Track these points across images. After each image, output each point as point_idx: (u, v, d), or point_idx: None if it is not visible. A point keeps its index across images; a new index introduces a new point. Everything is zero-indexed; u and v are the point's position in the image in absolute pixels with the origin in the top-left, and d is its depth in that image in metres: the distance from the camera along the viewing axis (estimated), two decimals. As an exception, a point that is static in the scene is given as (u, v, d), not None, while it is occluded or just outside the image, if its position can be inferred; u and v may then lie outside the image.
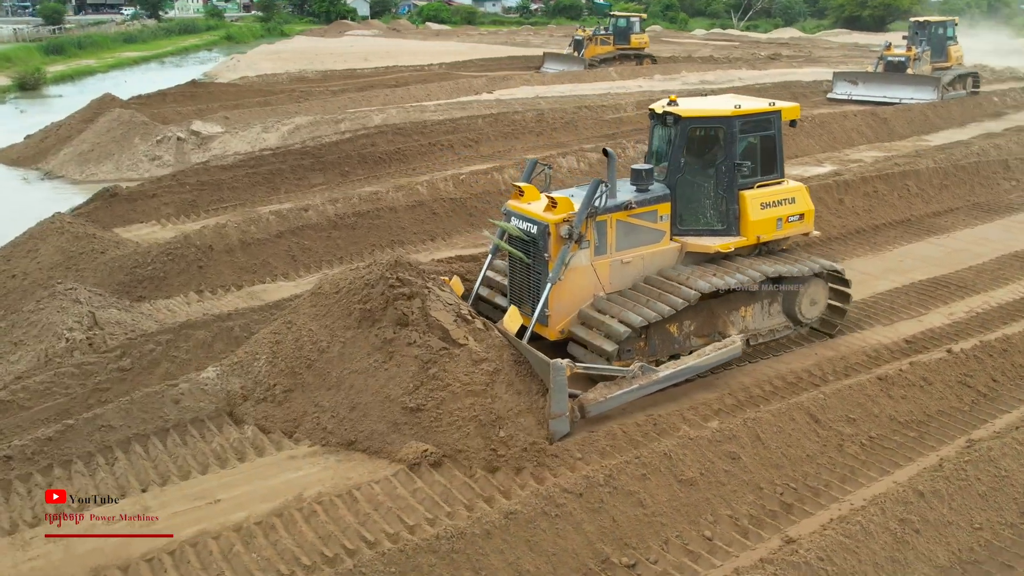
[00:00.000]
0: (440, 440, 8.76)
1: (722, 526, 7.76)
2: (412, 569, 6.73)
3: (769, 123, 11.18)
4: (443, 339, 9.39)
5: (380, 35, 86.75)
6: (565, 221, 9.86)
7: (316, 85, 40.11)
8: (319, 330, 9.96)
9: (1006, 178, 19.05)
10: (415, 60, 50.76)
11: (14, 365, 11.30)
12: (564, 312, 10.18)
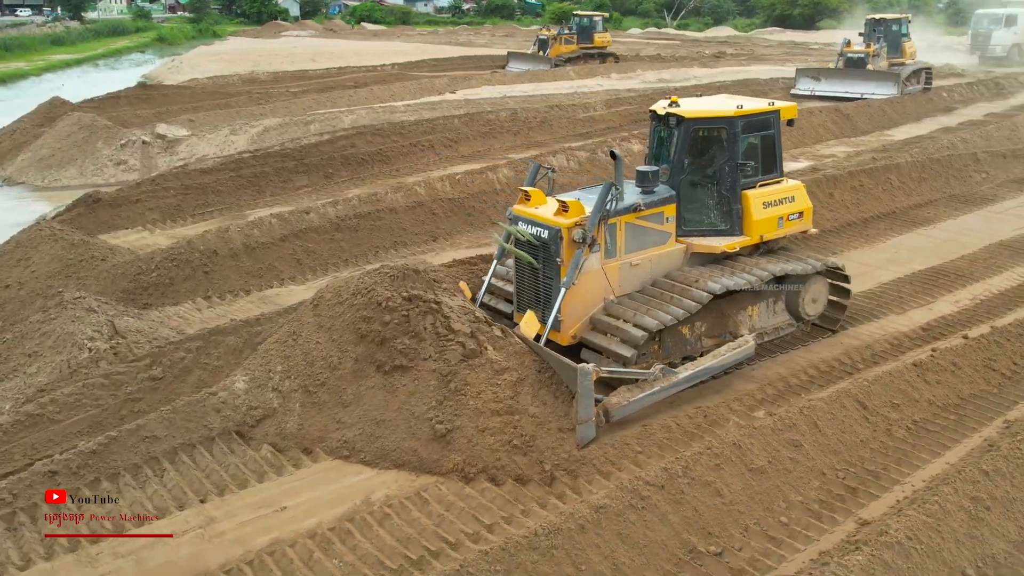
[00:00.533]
0: (474, 456, 8.58)
1: (795, 512, 7.96)
2: (516, 567, 6.75)
3: (769, 122, 11.30)
4: (462, 352, 9.20)
5: (317, 35, 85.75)
6: (577, 225, 9.79)
7: (271, 86, 39.50)
8: (327, 344, 9.67)
9: (976, 170, 19.82)
10: (363, 61, 50.33)
11: (33, 377, 10.94)
12: (576, 317, 10.12)
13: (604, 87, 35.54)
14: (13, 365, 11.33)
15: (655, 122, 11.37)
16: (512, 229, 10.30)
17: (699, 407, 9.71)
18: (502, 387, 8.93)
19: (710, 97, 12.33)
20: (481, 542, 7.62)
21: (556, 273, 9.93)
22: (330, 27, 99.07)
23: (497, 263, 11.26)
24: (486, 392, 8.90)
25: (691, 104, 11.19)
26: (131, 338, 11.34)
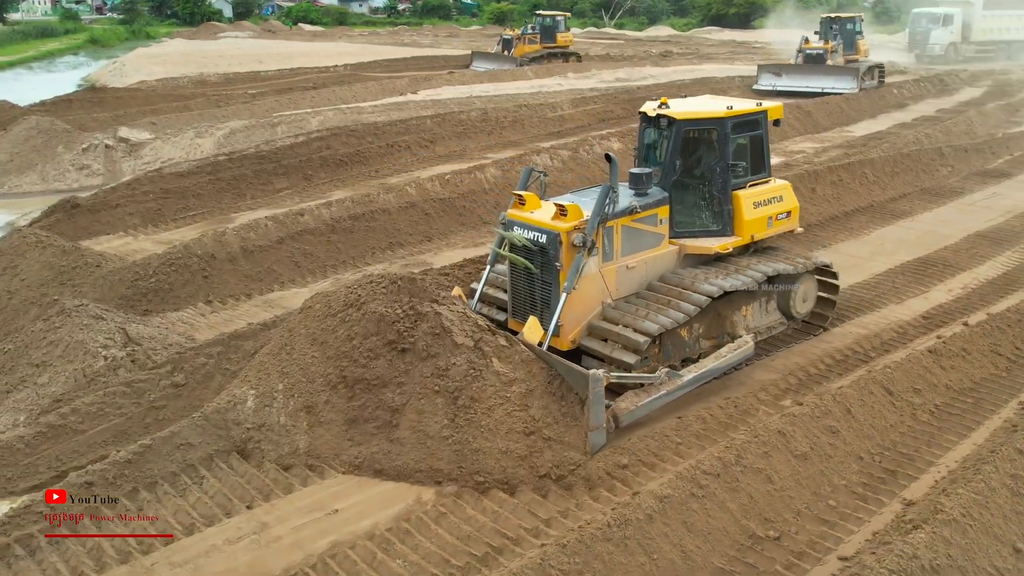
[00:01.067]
0: (492, 470, 8.46)
1: (841, 495, 8.22)
2: (594, 558, 6.85)
3: (758, 123, 11.29)
4: (467, 367, 8.88)
5: (255, 36, 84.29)
6: (576, 229, 9.67)
7: (224, 88, 38.86)
8: (323, 361, 9.28)
9: (942, 164, 20.56)
10: (312, 62, 49.71)
11: (46, 388, 10.65)
12: (575, 321, 9.96)
13: (564, 87, 35.82)
14: (20, 376, 11.00)
15: (645, 123, 11.25)
16: (508, 235, 10.09)
17: (728, 398, 9.94)
18: (512, 400, 8.72)
19: (695, 98, 12.28)
20: (542, 536, 7.70)
21: (555, 278, 9.79)
22: (268, 28, 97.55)
23: (490, 270, 11.00)
24: (497, 408, 8.67)
25: (681, 105, 11.15)
26: (146, 345, 11.12)
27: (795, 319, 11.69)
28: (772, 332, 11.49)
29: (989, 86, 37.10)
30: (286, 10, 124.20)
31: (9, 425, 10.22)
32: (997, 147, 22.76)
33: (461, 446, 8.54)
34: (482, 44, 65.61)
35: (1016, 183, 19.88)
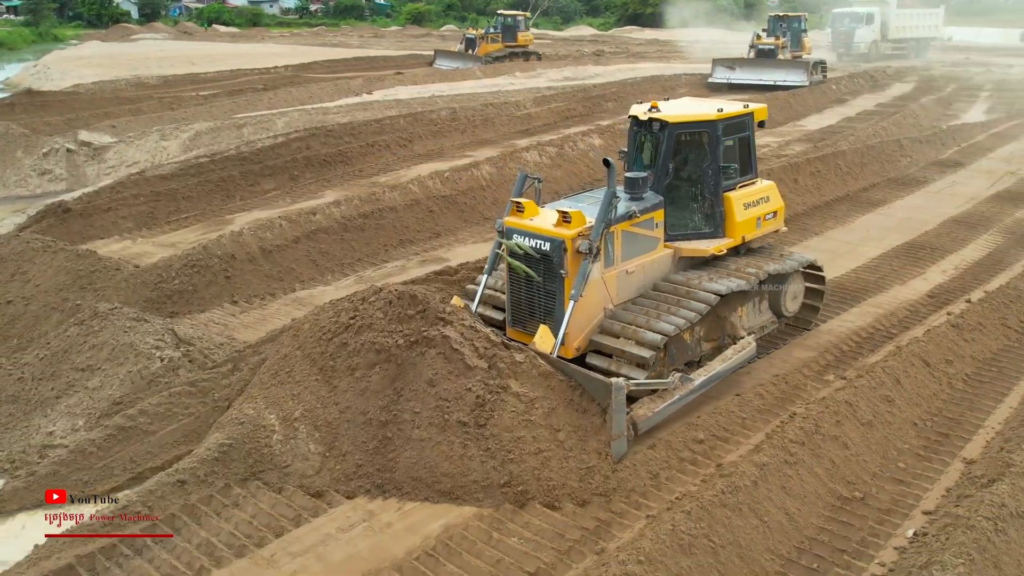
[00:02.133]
0: (533, 491, 8.23)
1: (907, 458, 8.89)
2: (716, 522, 7.30)
3: (745, 124, 11.35)
4: (483, 390, 8.55)
5: (171, 38, 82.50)
6: (581, 236, 9.56)
7: (168, 90, 38.04)
8: (328, 390, 8.97)
9: (902, 155, 21.79)
10: (247, 63, 48.92)
11: (100, 391, 10.56)
12: (579, 329, 9.83)
13: (516, 86, 36.28)
14: (67, 380, 10.87)
15: (636, 127, 11.15)
16: (508, 243, 9.90)
17: (776, 375, 10.56)
18: (537, 421, 8.47)
19: (677, 101, 12.13)
20: (606, 538, 8.04)
21: (559, 286, 9.66)
22: (184, 29, 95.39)
23: (488, 276, 10.84)
24: (521, 429, 8.40)
25: (672, 109, 11.10)
26: (198, 345, 11.10)
27: (785, 317, 11.83)
28: (764, 331, 11.57)
29: (916, 81, 39.15)
30: (198, 11, 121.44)
31: (68, 430, 10.12)
32: (946, 138, 24.19)
33: (498, 472, 8.24)
34: (411, 45, 65.64)
35: (971, 172, 21.22)
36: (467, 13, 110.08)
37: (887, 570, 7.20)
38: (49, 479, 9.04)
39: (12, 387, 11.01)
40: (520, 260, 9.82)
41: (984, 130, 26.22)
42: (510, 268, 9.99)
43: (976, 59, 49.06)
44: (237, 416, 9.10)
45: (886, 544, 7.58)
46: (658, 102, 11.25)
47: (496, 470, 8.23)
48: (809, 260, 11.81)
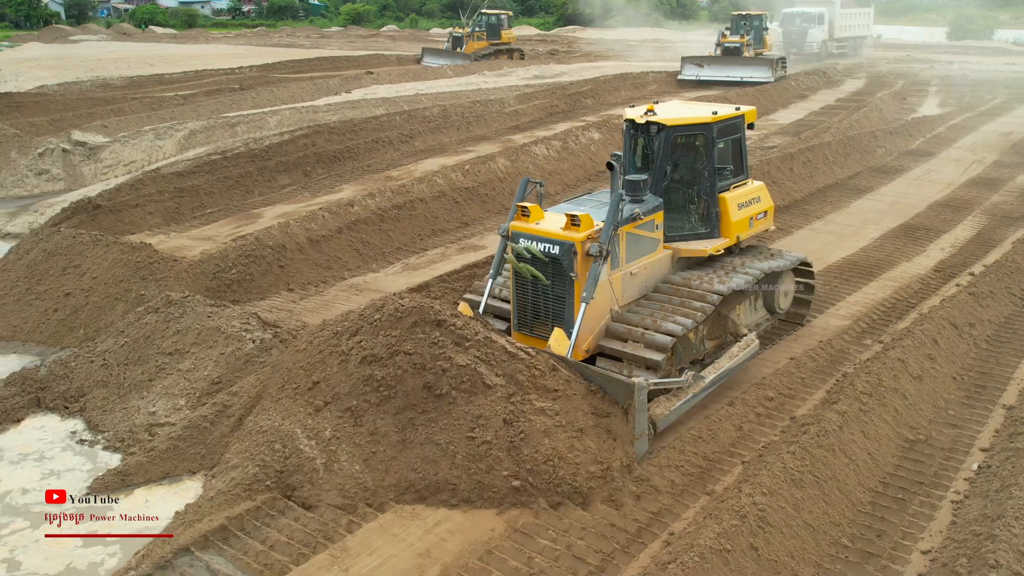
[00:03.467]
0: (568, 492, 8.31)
1: (954, 407, 10.02)
2: (816, 461, 8.28)
3: (737, 127, 11.61)
4: (505, 410, 8.49)
5: (110, 39, 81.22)
6: (590, 238, 9.68)
7: (136, 91, 37.79)
8: (343, 415, 8.83)
9: (877, 146, 23.26)
10: (205, 64, 48.66)
11: (195, 372, 11.08)
12: (588, 330, 9.91)
13: (489, 84, 37.07)
14: (156, 364, 11.36)
15: (633, 130, 11.27)
16: (517, 247, 9.93)
17: (822, 341, 11.65)
18: (564, 428, 8.51)
19: (667, 104, 12.30)
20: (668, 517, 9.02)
21: (568, 289, 9.77)
22: (121, 31, 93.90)
23: (493, 280, 10.86)
24: (549, 439, 8.37)
25: (667, 112, 11.23)
26: (284, 326, 11.69)
27: (777, 314, 12.16)
28: (759, 328, 11.81)
29: (866, 78, 41.11)
30: (130, 12, 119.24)
31: (171, 409, 10.64)
32: (912, 130, 25.81)
33: (529, 479, 8.25)
34: (364, 45, 65.86)
35: (942, 160, 22.79)
36: (401, 13, 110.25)
37: (963, 496, 8.27)
38: (170, 454, 9.59)
39: (97, 373, 11.45)
40: (527, 264, 9.85)
41: (943, 122, 27.96)
42: (516, 272, 10.04)
43: (916, 56, 51.50)
44: (266, 432, 8.98)
45: (956, 476, 8.67)
46: (653, 105, 11.35)
47: (534, 478, 8.22)
48: (801, 258, 12.19)
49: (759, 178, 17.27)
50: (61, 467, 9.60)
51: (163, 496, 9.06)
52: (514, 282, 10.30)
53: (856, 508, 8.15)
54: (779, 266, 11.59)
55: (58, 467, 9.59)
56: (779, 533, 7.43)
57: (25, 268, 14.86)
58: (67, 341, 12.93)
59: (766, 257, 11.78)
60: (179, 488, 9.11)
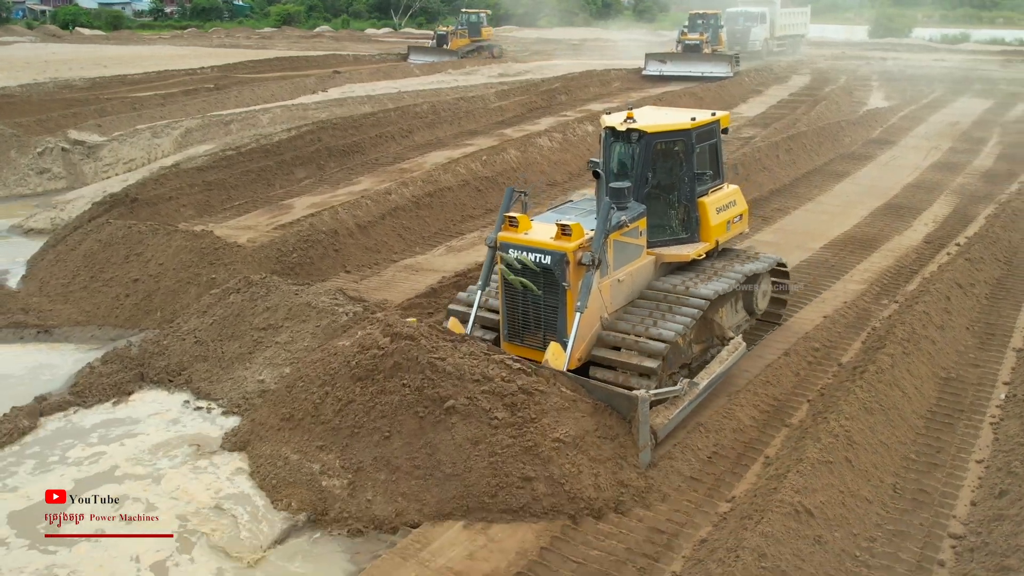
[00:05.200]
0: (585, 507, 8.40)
1: (972, 351, 11.66)
2: (878, 392, 9.76)
3: (713, 132, 11.72)
4: (511, 440, 8.53)
5: (37, 40, 79.34)
6: (582, 248, 9.69)
7: (101, 92, 37.68)
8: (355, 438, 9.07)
9: (844, 135, 25.22)
10: (163, 65, 48.34)
11: (293, 344, 11.98)
12: (581, 339, 9.87)
13: (459, 82, 38.19)
14: (252, 339, 12.26)
15: (612, 137, 11.23)
16: (507, 257, 9.87)
17: (845, 303, 13.24)
18: (573, 446, 8.60)
19: (644, 109, 12.43)
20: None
21: (561, 299, 9.75)
22: (47, 32, 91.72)
23: (482, 293, 10.74)
24: (557, 461, 8.46)
25: (647, 119, 11.31)
26: (370, 300, 12.71)
27: (755, 314, 12.40)
28: (740, 330, 11.94)
29: (810, 74, 43.47)
30: (52, 13, 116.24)
31: (277, 377, 11.56)
32: (870, 121, 27.92)
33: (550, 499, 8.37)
34: (311, 45, 66.17)
35: (903, 148, 24.85)
36: (328, 14, 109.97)
37: (999, 419, 9.85)
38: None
39: (193, 349, 12.31)
40: (518, 274, 9.81)
41: (894, 114, 30.21)
42: (506, 282, 10.00)
43: (851, 53, 54.37)
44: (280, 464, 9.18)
45: (988, 405, 10.26)
46: (632, 112, 11.44)
47: (556, 496, 8.33)
48: (777, 259, 12.45)
49: (752, 165, 19.04)
50: (192, 430, 10.46)
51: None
52: (504, 293, 10.21)
53: (914, 431, 9.66)
54: (759, 268, 11.82)
55: (189, 430, 10.45)
56: (863, 449, 8.88)
57: (82, 258, 15.50)
58: (145, 323, 13.68)
59: (745, 259, 11.99)
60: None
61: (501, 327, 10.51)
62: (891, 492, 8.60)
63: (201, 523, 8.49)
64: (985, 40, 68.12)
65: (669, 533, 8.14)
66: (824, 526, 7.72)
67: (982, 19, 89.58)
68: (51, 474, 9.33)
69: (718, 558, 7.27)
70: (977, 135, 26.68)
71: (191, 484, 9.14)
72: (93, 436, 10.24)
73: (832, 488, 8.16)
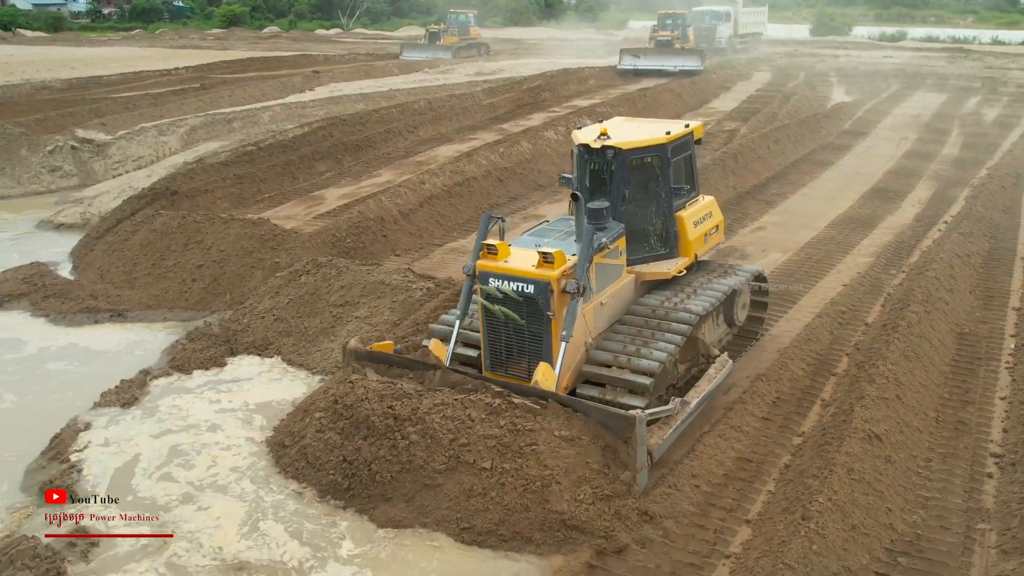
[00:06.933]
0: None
1: (979, 311, 13.26)
2: (911, 342, 11.25)
3: (688, 144, 11.49)
4: (514, 484, 8.31)
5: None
6: (565, 275, 9.38)
7: (84, 93, 37.73)
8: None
9: (822, 127, 27.00)
10: (132, 66, 48.35)
11: (371, 318, 13.07)
12: (567, 367, 9.59)
13: (439, 81, 39.27)
14: (332, 315, 13.33)
15: (587, 154, 10.83)
16: (487, 289, 9.61)
17: (858, 274, 14.77)
18: (573, 477, 8.44)
19: (615, 122, 12.13)
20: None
21: (545, 328, 9.45)
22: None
23: (460, 322, 10.42)
24: (561, 498, 8.22)
25: (621, 134, 10.86)
26: (436, 277, 13.83)
27: (735, 326, 12.21)
28: (722, 343, 11.81)
29: (770, 71, 45.50)
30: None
31: (363, 347, 12.62)
32: (840, 114, 29.80)
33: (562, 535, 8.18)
34: (271, 46, 66.50)
35: (875, 139, 26.74)
36: (271, 14, 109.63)
37: (1012, 364, 11.44)
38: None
39: (275, 326, 13.32)
40: (499, 304, 9.56)
41: (859, 108, 32.18)
42: (487, 312, 9.72)
43: (804, 51, 56.75)
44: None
45: (1001, 353, 11.86)
46: (605, 128, 10.99)
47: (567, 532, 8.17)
48: (757, 271, 12.35)
49: (748, 155, 20.58)
50: (295, 392, 11.47)
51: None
52: (484, 323, 9.89)
53: (943, 376, 11.19)
54: (740, 282, 11.66)
55: (293, 393, 11.46)
56: (908, 389, 10.35)
57: (139, 247, 16.33)
58: (215, 305, 14.60)
59: (724, 273, 11.80)
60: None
61: (482, 357, 10.13)
62: (935, 423, 10.08)
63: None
64: (922, 38, 71.48)
65: (756, 461, 9.48)
66: (890, 448, 9.14)
67: (915, 18, 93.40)
68: (175, 427, 10.55)
69: (811, 474, 8.62)
70: (939, 126, 28.70)
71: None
72: (208, 393, 11.44)
73: (890, 419, 9.59)
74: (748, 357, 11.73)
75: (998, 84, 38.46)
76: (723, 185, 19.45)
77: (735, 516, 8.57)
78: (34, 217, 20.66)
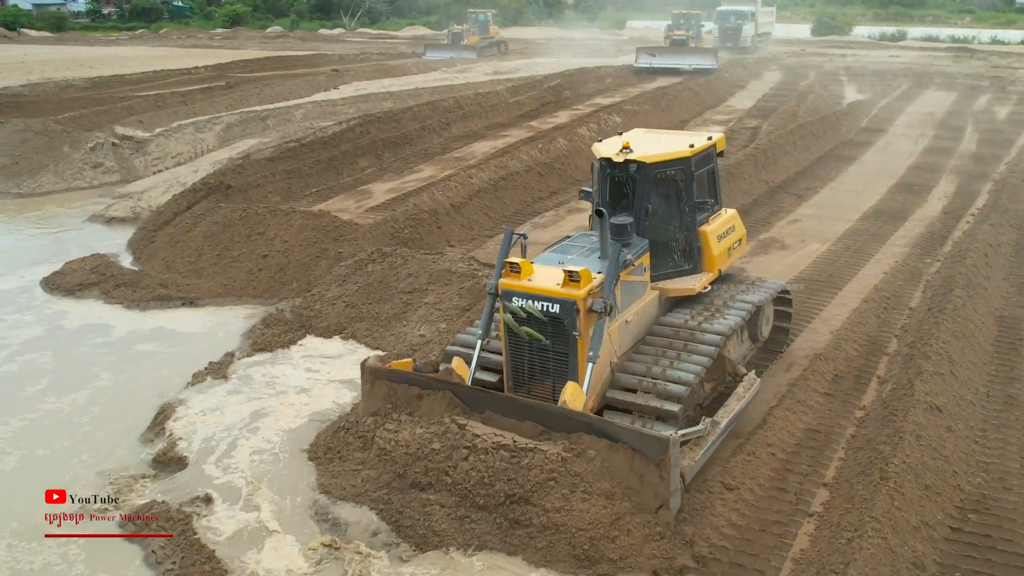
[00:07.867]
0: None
1: (1016, 296, 14.01)
2: (961, 324, 11.99)
3: (711, 156, 11.28)
4: (548, 520, 8.29)
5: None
6: (591, 294, 9.13)
7: (110, 92, 38.40)
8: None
9: (841, 124, 27.74)
10: (153, 65, 49.03)
11: (440, 304, 13.82)
12: (592, 388, 9.28)
13: (459, 79, 40.01)
14: (401, 301, 14.03)
15: (609, 168, 10.55)
16: (511, 307, 9.30)
17: (897, 262, 15.50)
18: (610, 512, 8.25)
19: (635, 134, 11.92)
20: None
21: (572, 348, 9.19)
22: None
23: (482, 342, 10.10)
24: (607, 537, 8.12)
25: (643, 147, 10.64)
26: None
27: (759, 341, 11.99)
28: (746, 359, 11.62)
29: (781, 70, 46.23)
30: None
31: (435, 331, 13.33)
32: (856, 112, 30.54)
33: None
34: (282, 45, 67.15)
35: (893, 136, 27.49)
36: (271, 15, 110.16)
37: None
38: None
39: (346, 312, 14.02)
40: (523, 322, 9.26)
41: (874, 106, 32.93)
42: (511, 332, 9.44)
43: (811, 50, 57.55)
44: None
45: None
46: (628, 142, 10.71)
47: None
48: (782, 286, 12.10)
49: (776, 151, 21.31)
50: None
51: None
52: (508, 342, 9.62)
53: (988, 355, 11.96)
54: (765, 297, 11.42)
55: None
56: (960, 366, 11.10)
57: (203, 239, 17.01)
58: (282, 293, 15.26)
59: (748, 288, 11.54)
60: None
61: (505, 378, 9.86)
62: (986, 398, 10.83)
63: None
64: (921, 37, 72.26)
65: (823, 432, 10.20)
66: (950, 419, 9.88)
67: (912, 18, 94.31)
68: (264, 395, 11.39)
69: (881, 441, 9.34)
70: (954, 124, 29.47)
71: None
72: (295, 368, 12.27)
73: (947, 393, 10.33)
74: (803, 338, 12.44)
75: (1006, 83, 39.25)
76: (756, 180, 20.20)
77: (812, 480, 9.30)
78: (80, 211, 21.32)
